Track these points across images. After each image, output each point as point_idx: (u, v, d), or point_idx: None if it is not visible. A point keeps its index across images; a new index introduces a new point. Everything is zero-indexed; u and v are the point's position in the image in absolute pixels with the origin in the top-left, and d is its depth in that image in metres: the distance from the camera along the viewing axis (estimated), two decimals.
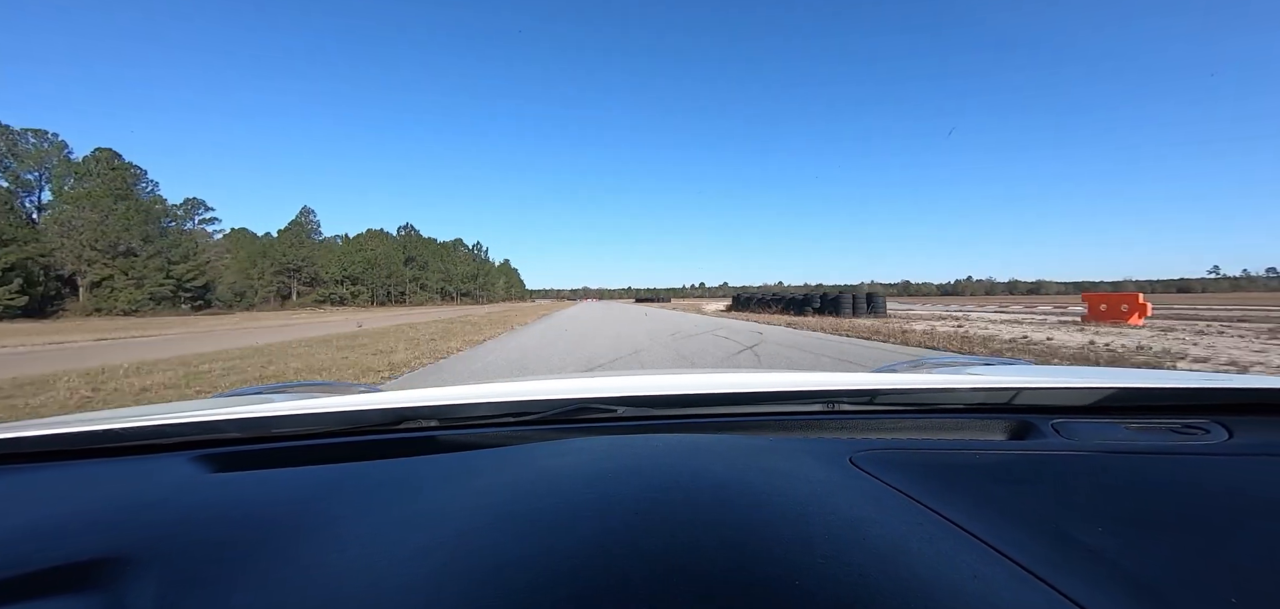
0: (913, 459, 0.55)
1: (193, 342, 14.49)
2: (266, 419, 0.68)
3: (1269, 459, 0.56)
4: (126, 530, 0.45)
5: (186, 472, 0.59)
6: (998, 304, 39.14)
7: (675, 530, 0.39)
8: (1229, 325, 11.79)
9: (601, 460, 0.53)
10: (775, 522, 0.40)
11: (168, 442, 0.65)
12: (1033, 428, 0.65)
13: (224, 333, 19.52)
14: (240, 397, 1.07)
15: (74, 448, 0.64)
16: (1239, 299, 47.35)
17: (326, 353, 9.30)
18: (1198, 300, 45.38)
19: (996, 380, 0.79)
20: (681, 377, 0.95)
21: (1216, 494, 0.48)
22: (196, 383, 6.03)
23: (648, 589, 0.33)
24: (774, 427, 0.69)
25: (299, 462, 0.60)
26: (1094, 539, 0.41)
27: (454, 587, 0.34)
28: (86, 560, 0.41)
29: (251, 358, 8.70)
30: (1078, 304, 20.81)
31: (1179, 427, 0.63)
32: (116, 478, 0.58)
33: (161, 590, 0.37)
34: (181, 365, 7.73)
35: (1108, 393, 0.71)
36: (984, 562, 0.38)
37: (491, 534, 0.40)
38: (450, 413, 0.70)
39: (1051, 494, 0.48)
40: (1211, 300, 43.59)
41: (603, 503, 0.43)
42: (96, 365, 7.98)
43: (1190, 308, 23.49)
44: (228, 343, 13.09)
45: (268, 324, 27.59)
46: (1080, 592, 0.35)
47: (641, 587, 0.33)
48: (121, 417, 0.70)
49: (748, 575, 0.34)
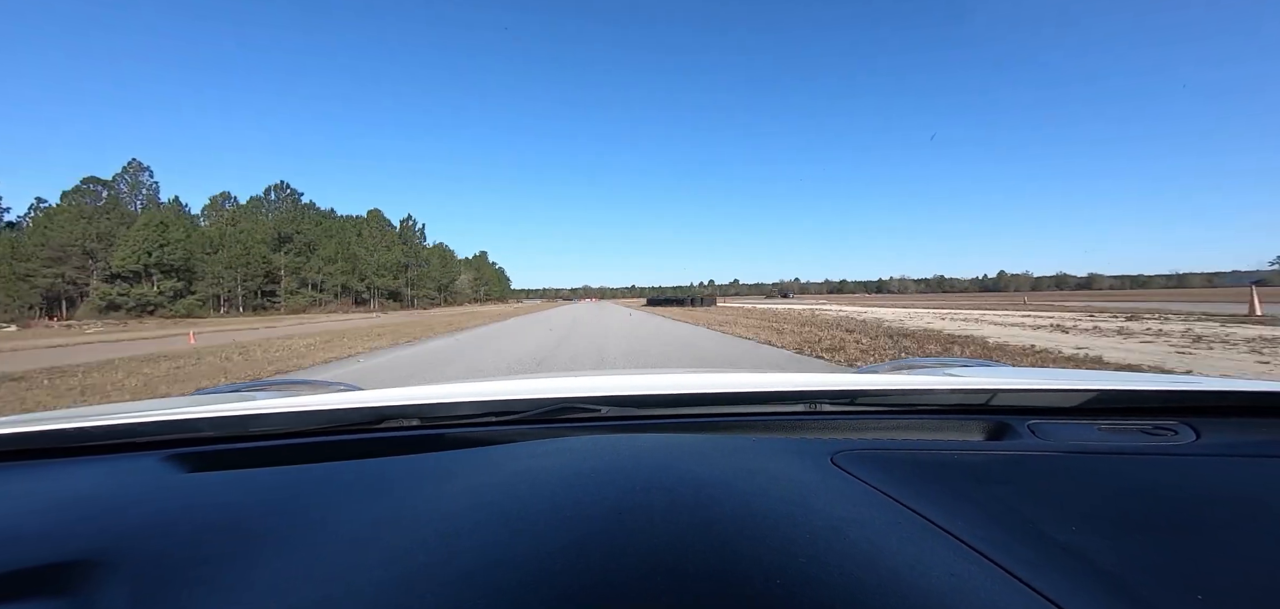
0: (892, 459, 0.56)
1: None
2: (243, 417, 0.67)
3: (1233, 460, 0.57)
4: (98, 532, 0.44)
5: (160, 472, 0.57)
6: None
7: (657, 531, 0.39)
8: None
9: (584, 460, 0.53)
10: (757, 521, 0.41)
11: (140, 441, 0.64)
12: (1010, 429, 0.66)
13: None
14: (217, 395, 1.05)
15: (42, 447, 0.62)
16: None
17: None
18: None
19: (975, 382, 0.80)
20: (664, 376, 0.96)
21: (1184, 494, 0.50)
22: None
23: (630, 590, 0.33)
24: (756, 427, 0.70)
25: (277, 461, 0.59)
26: (1068, 538, 0.42)
27: (434, 588, 0.34)
28: (56, 563, 0.40)
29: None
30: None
31: (1150, 428, 0.65)
32: (87, 478, 0.57)
33: (134, 593, 0.36)
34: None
35: (1083, 395, 0.73)
36: (961, 560, 0.38)
37: (473, 535, 0.40)
38: (431, 412, 0.70)
39: (1027, 494, 0.49)
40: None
41: (585, 503, 0.43)
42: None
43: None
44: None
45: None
46: (1055, 589, 0.35)
47: (624, 587, 0.33)
48: (92, 415, 0.69)
49: (729, 575, 0.34)
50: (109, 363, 9.95)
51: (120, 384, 7.36)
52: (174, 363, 9.83)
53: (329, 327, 25.15)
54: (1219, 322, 12.26)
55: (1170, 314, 15.50)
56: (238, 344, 14.36)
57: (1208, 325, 11.37)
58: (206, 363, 9.87)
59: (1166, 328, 11.11)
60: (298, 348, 12.54)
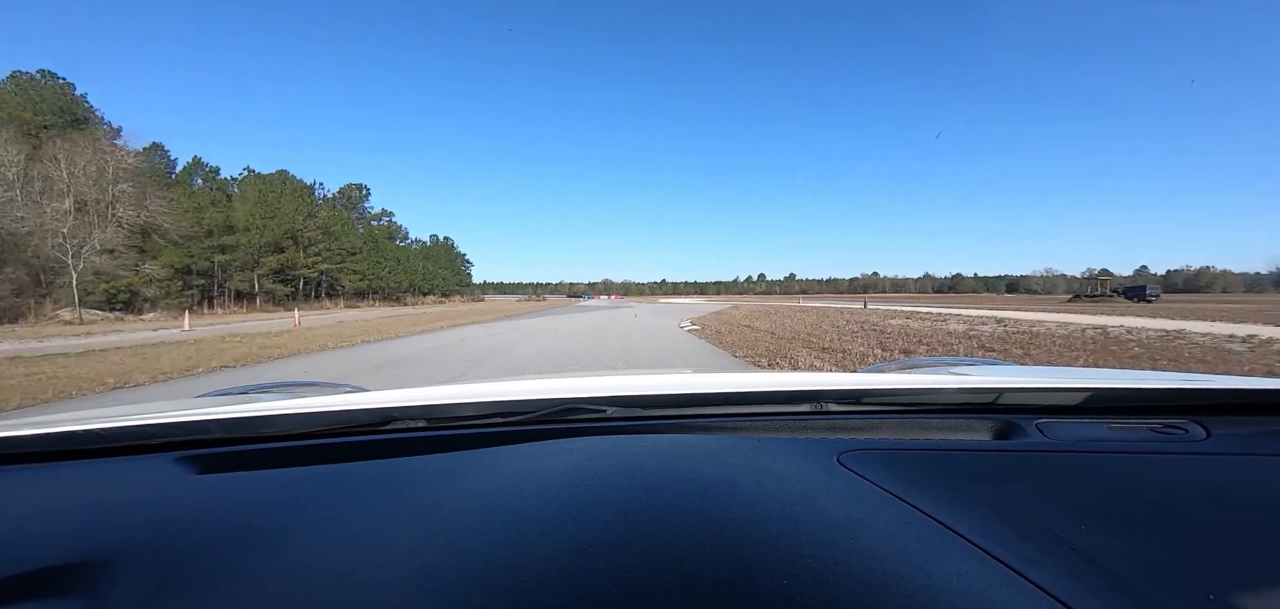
0: (899, 459, 0.56)
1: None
2: (252, 419, 0.67)
3: (1244, 458, 0.57)
4: (108, 533, 0.45)
5: (170, 473, 0.58)
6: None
7: (663, 532, 0.39)
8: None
9: (590, 461, 0.53)
10: (763, 522, 0.41)
11: (151, 443, 0.64)
12: (1017, 428, 0.66)
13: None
14: (225, 397, 1.06)
15: (55, 449, 0.63)
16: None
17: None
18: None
19: (981, 381, 0.80)
20: (670, 377, 0.96)
21: (1195, 492, 0.50)
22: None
23: (638, 592, 0.33)
24: (762, 427, 0.70)
25: (285, 463, 0.60)
26: (1077, 537, 0.42)
27: (441, 589, 0.34)
28: (67, 564, 0.40)
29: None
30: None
31: (1159, 426, 0.65)
32: (98, 479, 0.57)
33: (145, 594, 0.37)
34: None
35: (1090, 393, 0.72)
36: (969, 560, 0.38)
37: (479, 536, 0.40)
38: (438, 413, 0.70)
39: (1035, 493, 0.49)
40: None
41: (591, 504, 0.43)
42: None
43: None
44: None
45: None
46: (1063, 589, 0.35)
47: (632, 589, 0.33)
48: (103, 417, 0.69)
49: (736, 576, 0.34)
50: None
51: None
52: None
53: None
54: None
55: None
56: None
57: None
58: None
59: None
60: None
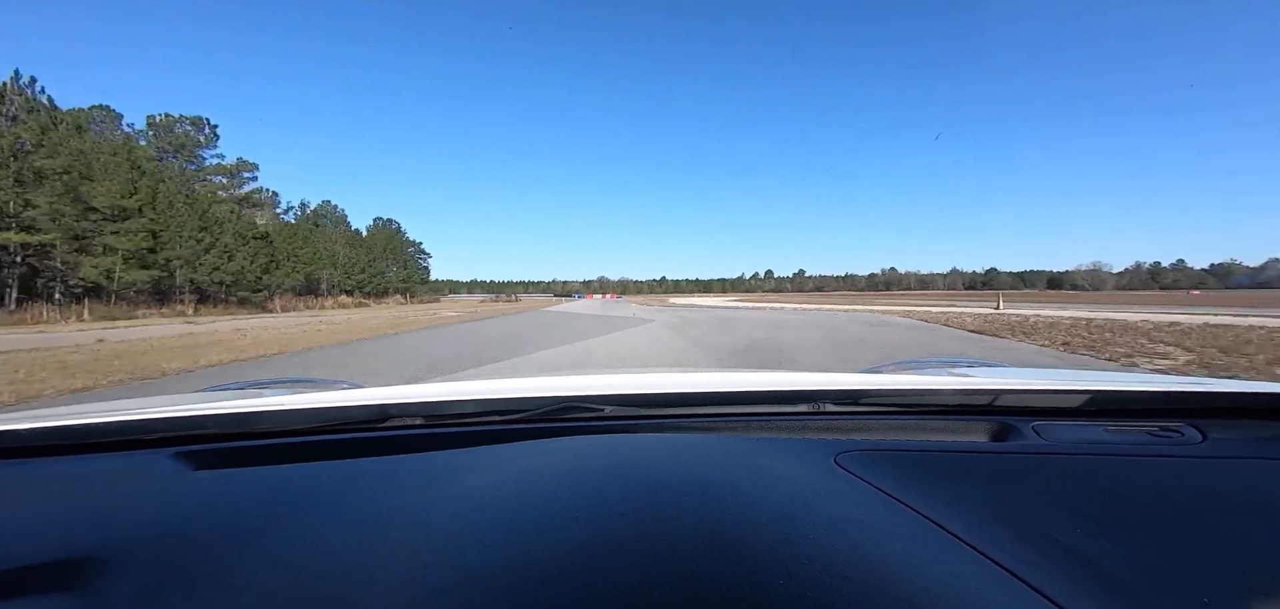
0: (896, 459, 0.56)
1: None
2: (249, 415, 0.67)
3: (1240, 462, 0.57)
4: (105, 529, 0.45)
5: (168, 468, 0.58)
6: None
7: (661, 532, 0.39)
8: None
9: (587, 461, 0.53)
10: (760, 522, 0.41)
11: (149, 438, 0.64)
12: (1013, 430, 0.66)
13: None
14: (223, 392, 1.06)
15: (52, 444, 0.62)
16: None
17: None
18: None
19: (978, 382, 0.80)
20: (668, 376, 0.96)
21: (1190, 495, 0.50)
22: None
23: (634, 591, 0.33)
24: (759, 427, 0.70)
25: (282, 459, 0.60)
26: (1072, 540, 0.42)
27: (438, 587, 0.34)
28: (63, 559, 0.40)
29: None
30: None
31: (1155, 429, 0.65)
32: (95, 475, 0.57)
33: (141, 590, 0.37)
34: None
35: (1087, 395, 0.73)
36: (965, 562, 0.38)
37: (476, 535, 0.40)
38: (435, 410, 0.70)
39: (1031, 495, 0.49)
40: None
41: (588, 504, 0.43)
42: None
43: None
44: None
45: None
46: (1059, 591, 0.35)
47: (628, 589, 0.33)
48: (101, 411, 0.69)
49: (733, 577, 0.34)
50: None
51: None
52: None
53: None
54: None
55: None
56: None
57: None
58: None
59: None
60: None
